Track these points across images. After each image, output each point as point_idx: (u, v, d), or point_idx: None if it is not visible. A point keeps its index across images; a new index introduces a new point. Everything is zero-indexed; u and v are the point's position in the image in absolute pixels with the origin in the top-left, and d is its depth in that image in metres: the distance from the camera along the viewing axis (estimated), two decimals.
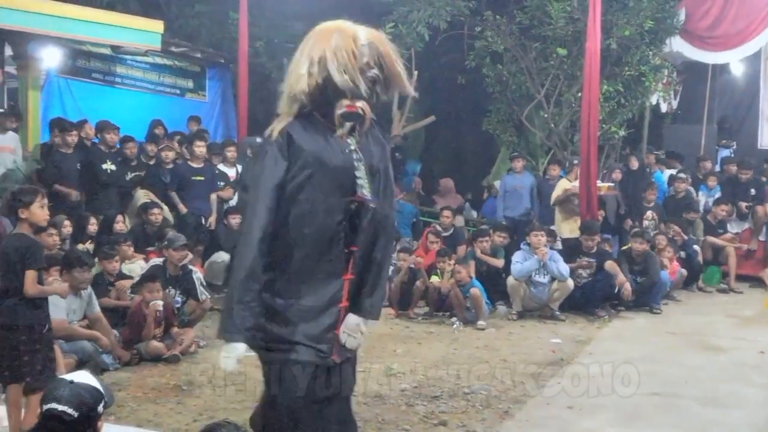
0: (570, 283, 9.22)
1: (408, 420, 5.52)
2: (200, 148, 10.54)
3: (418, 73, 12.39)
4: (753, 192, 12.07)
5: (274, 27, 13.31)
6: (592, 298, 9.41)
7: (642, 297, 9.70)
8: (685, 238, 11.25)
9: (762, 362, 7.29)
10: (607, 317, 9.24)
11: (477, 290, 8.83)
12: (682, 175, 12.37)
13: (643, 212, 11.58)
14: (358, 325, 3.45)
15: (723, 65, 13.99)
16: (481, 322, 8.72)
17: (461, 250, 10.15)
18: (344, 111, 3.28)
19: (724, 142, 14.92)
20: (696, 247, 11.24)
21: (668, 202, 12.16)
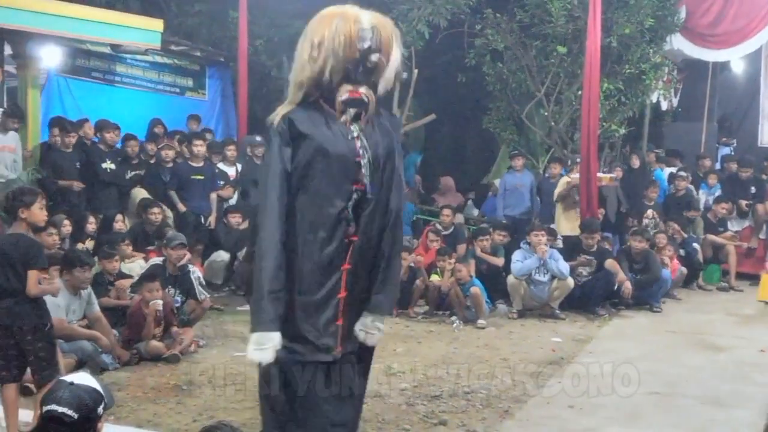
0: (570, 282, 9.23)
1: (408, 419, 5.52)
2: (200, 147, 10.55)
3: (418, 71, 12.39)
4: (753, 190, 12.07)
5: (274, 25, 13.30)
6: (593, 297, 9.41)
7: (642, 295, 9.70)
8: (685, 236, 11.26)
9: (762, 361, 7.29)
10: (607, 316, 9.25)
11: (477, 289, 8.83)
12: (682, 174, 12.36)
13: (644, 210, 11.59)
14: (372, 322, 3.45)
15: (723, 63, 13.98)
16: (481, 321, 8.72)
17: (461, 248, 10.15)
18: (347, 97, 3.24)
19: (724, 140, 14.91)
20: (696, 245, 11.24)
21: (668, 201, 12.16)
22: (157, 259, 8.12)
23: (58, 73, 11.26)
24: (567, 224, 10.69)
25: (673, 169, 12.88)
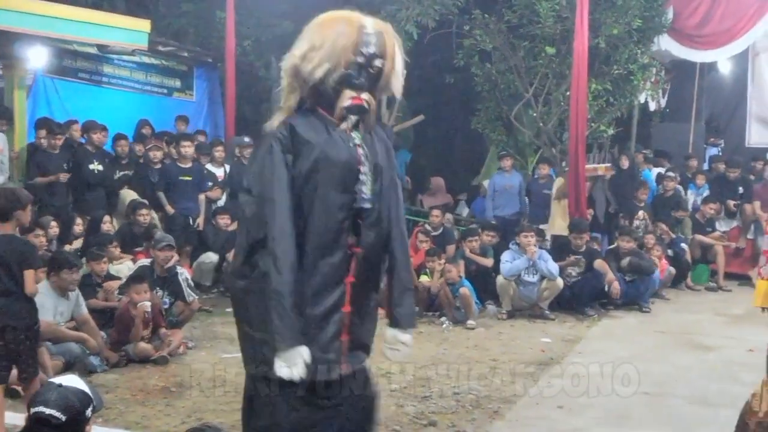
0: (559, 282, 9.24)
1: (398, 420, 5.52)
2: (187, 148, 10.51)
3: (406, 72, 12.36)
4: (741, 190, 12.13)
5: (262, 26, 13.28)
6: (582, 297, 9.44)
7: (631, 294, 9.74)
8: (673, 236, 11.30)
9: (751, 360, 7.30)
10: (596, 316, 9.28)
11: (466, 290, 8.84)
12: (670, 174, 12.41)
13: (634, 211, 11.63)
14: (394, 337, 3.37)
15: (711, 64, 14.07)
16: (471, 322, 8.73)
17: (451, 249, 10.16)
18: (349, 104, 3.12)
19: (712, 140, 15.01)
20: (684, 245, 11.28)
21: (656, 201, 12.20)
22: (144, 261, 8.08)
23: (44, 73, 11.22)
24: (563, 223, 10.73)
25: (661, 170, 12.94)
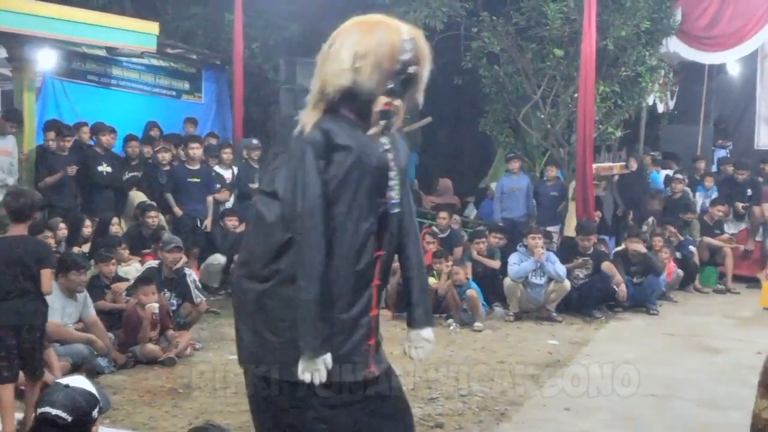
0: (567, 284, 9.23)
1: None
2: (196, 150, 10.54)
3: None
4: (749, 192, 12.09)
5: (270, 28, 13.31)
6: (589, 299, 9.42)
7: (638, 297, 9.72)
8: (681, 238, 11.27)
9: (759, 363, 7.21)
10: (603, 318, 9.26)
11: (473, 292, 8.84)
12: (678, 176, 12.39)
13: (643, 215, 11.59)
14: (418, 335, 3.43)
15: (720, 65, 14.01)
16: (478, 324, 8.73)
17: (458, 251, 10.15)
18: (382, 109, 3.11)
19: (720, 142, 14.96)
20: (692, 247, 11.25)
21: (665, 203, 12.18)
22: (153, 263, 8.10)
23: (53, 76, 11.26)
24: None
25: (670, 172, 12.91)
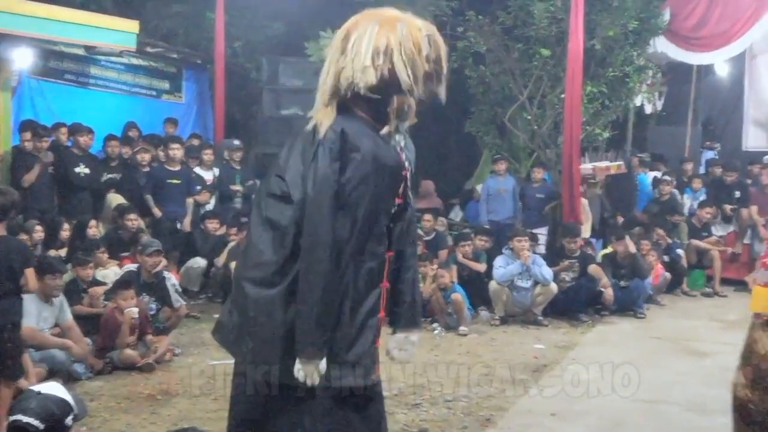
0: (553, 287, 9.24)
1: (388, 428, 5.48)
2: (176, 150, 10.50)
3: None
4: (737, 194, 12.14)
5: (252, 27, 13.27)
6: (576, 303, 9.43)
7: (625, 301, 9.74)
8: (669, 241, 11.30)
9: None
10: (590, 322, 9.27)
11: (458, 295, 8.83)
12: (666, 178, 12.43)
13: (631, 219, 11.62)
14: (406, 338, 3.41)
15: (708, 66, 14.08)
16: (463, 328, 8.72)
17: (443, 254, 10.15)
18: (395, 107, 3.06)
19: (708, 143, 15.01)
20: (680, 250, 11.29)
21: (653, 205, 12.21)
22: (131, 266, 8.06)
23: (29, 75, 11.17)
24: (585, 225, 10.90)
25: (658, 174, 12.95)
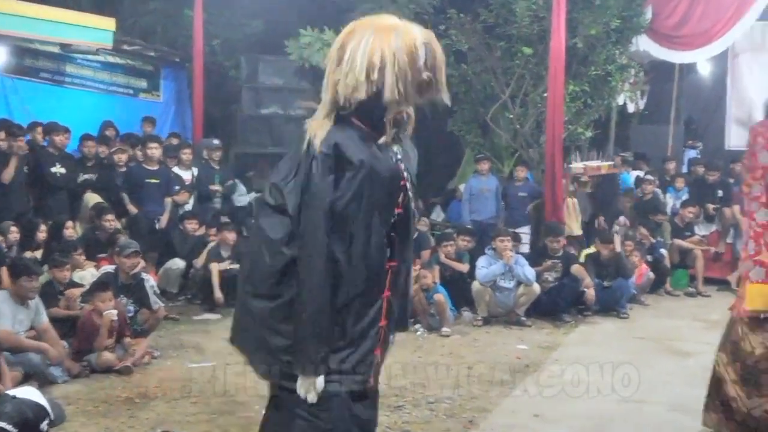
0: (536, 288, 9.26)
1: None
2: (154, 149, 10.45)
3: None
4: (720, 194, 12.22)
5: (232, 25, 13.23)
6: (559, 303, 9.46)
7: (608, 301, 9.79)
8: (653, 240, 11.37)
9: None
10: (573, 322, 9.30)
11: (441, 296, 8.84)
12: (649, 177, 12.50)
13: (615, 217, 11.68)
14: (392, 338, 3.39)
15: (690, 65, 14.17)
16: (446, 329, 8.73)
17: (426, 254, 10.15)
18: (393, 117, 3.08)
19: (690, 142, 15.11)
20: (663, 250, 11.35)
21: (635, 205, 12.28)
22: (108, 268, 8.01)
23: (4, 73, 11.10)
24: (574, 225, 11.01)
25: (640, 173, 13.02)
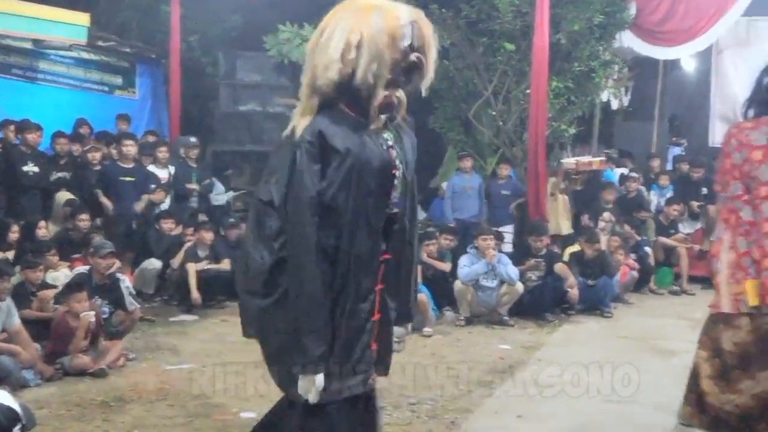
0: (519, 287, 9.27)
1: None
2: (130, 147, 10.39)
3: None
4: (705, 191, 12.25)
5: (209, 20, 13.19)
6: (542, 302, 9.47)
7: (591, 300, 9.81)
8: (639, 238, 11.40)
9: None
10: (556, 321, 9.32)
11: (423, 296, 8.82)
12: (633, 174, 12.54)
13: (599, 213, 11.71)
14: (397, 331, 3.37)
15: (674, 61, 14.24)
16: (428, 329, 8.71)
17: None
18: (382, 102, 2.99)
19: (675, 139, 15.17)
20: (647, 248, 11.39)
21: (620, 202, 12.32)
22: (82, 268, 7.95)
23: None
24: (565, 223, 11.15)
25: (624, 170, 13.05)
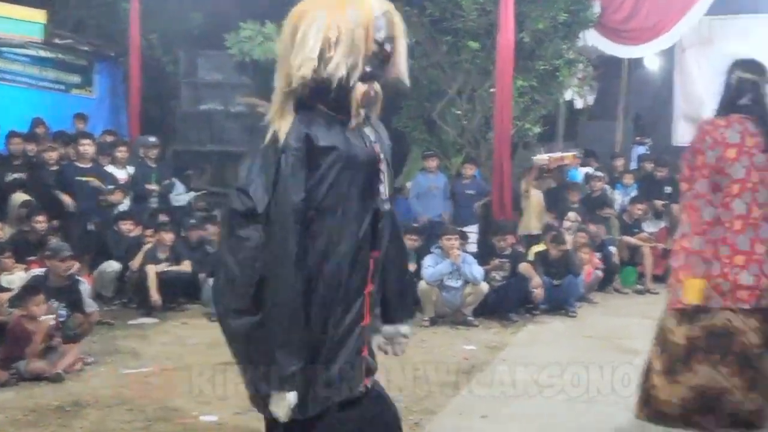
0: (484, 287, 9.29)
1: None
2: (87, 146, 10.28)
3: None
4: (669, 190, 12.37)
5: (169, 18, 13.08)
6: (506, 302, 9.50)
7: (556, 299, 9.86)
8: (604, 237, 11.47)
9: None
10: (521, 322, 9.35)
11: None
12: (598, 174, 12.62)
13: (564, 212, 11.78)
14: (397, 331, 3.36)
15: (638, 60, 14.39)
16: None
17: None
18: (362, 97, 2.98)
19: (639, 138, 15.32)
20: (612, 247, 11.48)
21: (584, 202, 12.40)
22: (38, 270, 7.86)
23: None
24: (536, 223, 11.21)
25: (589, 169, 13.14)
